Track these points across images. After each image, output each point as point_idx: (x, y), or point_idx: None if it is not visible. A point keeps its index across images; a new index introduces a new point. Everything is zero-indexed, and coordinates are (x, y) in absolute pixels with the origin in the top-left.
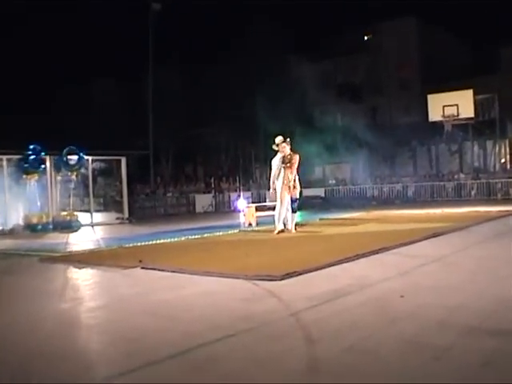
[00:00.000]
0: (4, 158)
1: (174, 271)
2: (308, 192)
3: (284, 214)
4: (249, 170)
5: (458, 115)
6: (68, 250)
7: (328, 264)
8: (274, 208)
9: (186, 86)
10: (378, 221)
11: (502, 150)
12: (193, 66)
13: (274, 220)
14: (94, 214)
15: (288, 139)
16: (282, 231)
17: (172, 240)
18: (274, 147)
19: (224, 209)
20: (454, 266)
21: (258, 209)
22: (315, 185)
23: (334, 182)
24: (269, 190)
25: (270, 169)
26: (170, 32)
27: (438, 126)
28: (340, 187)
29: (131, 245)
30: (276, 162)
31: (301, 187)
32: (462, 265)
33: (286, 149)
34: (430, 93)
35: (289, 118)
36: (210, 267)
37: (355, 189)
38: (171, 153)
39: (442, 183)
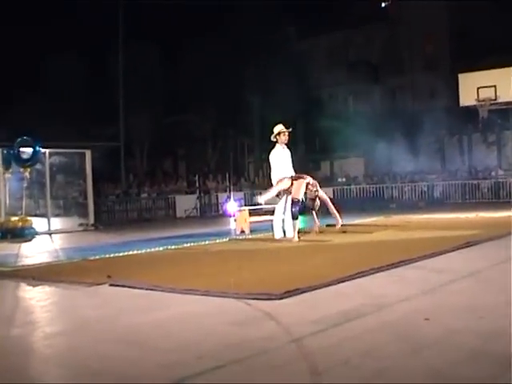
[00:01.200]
0: None
1: (149, 289)
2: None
3: (287, 219)
4: (241, 166)
5: (495, 99)
6: (20, 263)
7: (337, 280)
8: (272, 212)
9: (164, 65)
10: (397, 227)
11: None
12: (173, 41)
13: (273, 226)
14: (52, 220)
15: (290, 129)
16: (283, 239)
17: (148, 251)
18: (273, 138)
19: (211, 213)
20: (491, 284)
21: (252, 213)
22: (321, 184)
23: (343, 180)
24: (277, 195)
25: (269, 165)
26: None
27: (471, 112)
28: (352, 187)
29: (98, 257)
30: (276, 156)
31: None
32: (500, 282)
33: (284, 139)
34: (462, 72)
35: (290, 103)
36: (194, 284)
37: (370, 188)
38: (147, 145)
39: (475, 182)
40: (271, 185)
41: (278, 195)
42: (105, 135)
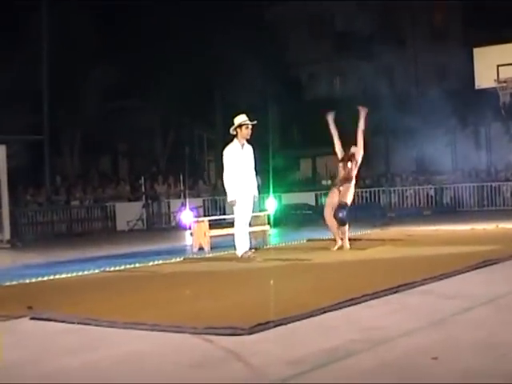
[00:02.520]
0: None
1: (82, 323)
2: (289, 199)
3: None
4: (199, 165)
5: None
6: None
7: (321, 309)
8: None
9: (101, 34)
10: (397, 242)
11: None
12: (112, 3)
13: (235, 241)
14: None
15: (255, 122)
16: (249, 257)
17: (80, 274)
18: (232, 131)
19: (161, 225)
20: None
21: (213, 225)
22: (300, 187)
23: (329, 182)
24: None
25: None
26: None
27: (489, 96)
28: None
29: (15, 282)
30: (231, 154)
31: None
32: None
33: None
34: (478, 46)
35: (261, 85)
36: (140, 316)
37: (363, 193)
38: (79, 138)
39: (495, 184)
40: (223, 190)
41: (231, 203)
42: (24, 125)
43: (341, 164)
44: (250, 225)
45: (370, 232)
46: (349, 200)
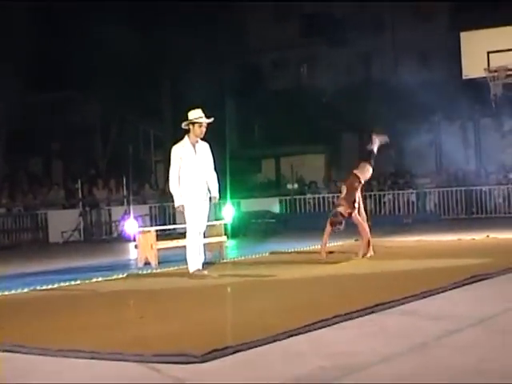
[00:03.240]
0: None
1: (7, 350)
2: (249, 205)
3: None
4: (145, 167)
5: None
6: None
7: (286, 332)
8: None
9: (32, 14)
10: (374, 255)
11: None
12: None
13: (187, 254)
14: None
15: (211, 119)
16: (203, 273)
17: (6, 294)
18: (184, 126)
19: (101, 236)
20: (508, 336)
21: (161, 235)
22: (262, 192)
23: (295, 186)
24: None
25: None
26: None
27: (478, 87)
28: (307, 196)
29: None
30: (179, 153)
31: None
32: None
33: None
34: (466, 29)
35: (217, 75)
36: (75, 342)
37: (334, 199)
38: (3, 135)
39: (486, 188)
40: (169, 195)
41: (181, 210)
42: None
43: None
44: (205, 235)
45: (342, 244)
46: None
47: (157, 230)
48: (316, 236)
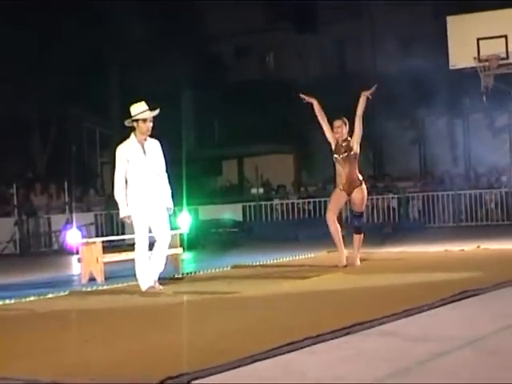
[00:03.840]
0: None
1: None
2: (209, 213)
3: (160, 257)
4: (89, 170)
5: (508, 57)
6: None
7: (251, 357)
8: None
9: None
10: (350, 269)
11: None
12: None
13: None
14: None
15: (157, 111)
16: (156, 290)
17: None
18: (128, 123)
19: (39, 248)
20: (501, 358)
21: (108, 247)
22: (223, 198)
23: (261, 191)
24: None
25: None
26: None
27: (467, 78)
28: (274, 202)
29: None
30: (124, 155)
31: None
32: None
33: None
34: (453, 13)
35: (171, 65)
36: (9, 368)
37: (305, 205)
38: None
39: (476, 192)
40: (112, 200)
41: (124, 219)
42: None
43: (336, 157)
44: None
45: (314, 256)
46: (363, 207)
47: (103, 242)
48: (284, 247)
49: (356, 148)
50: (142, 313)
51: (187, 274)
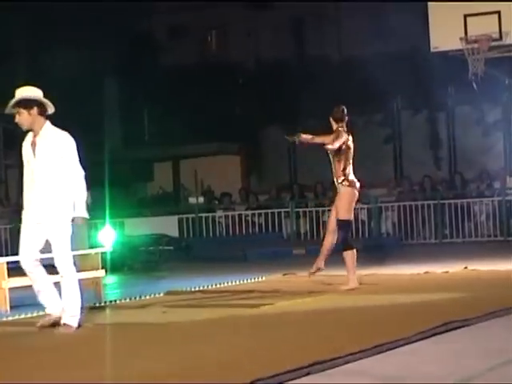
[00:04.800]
0: None
1: None
2: (137, 227)
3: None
4: None
5: (501, 37)
6: None
7: None
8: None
9: None
10: (308, 295)
11: None
12: None
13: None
14: None
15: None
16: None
17: None
18: (10, 110)
19: None
20: None
21: (14, 270)
22: (155, 209)
23: (201, 200)
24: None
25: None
26: None
27: (452, 63)
28: (218, 214)
29: None
30: (23, 152)
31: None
32: None
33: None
34: None
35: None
36: None
37: (254, 217)
38: None
39: (463, 202)
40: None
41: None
42: None
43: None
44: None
45: (265, 279)
46: (345, 214)
47: (8, 262)
48: (230, 268)
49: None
50: (54, 351)
51: (110, 301)
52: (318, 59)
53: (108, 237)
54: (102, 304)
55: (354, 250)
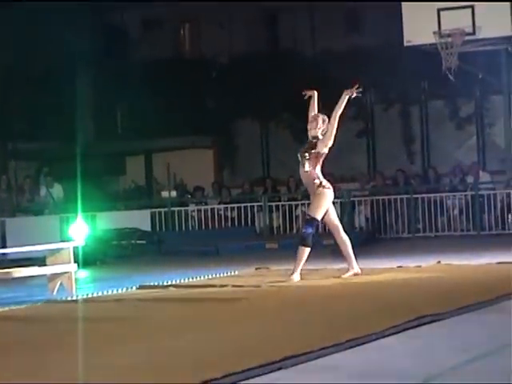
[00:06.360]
0: None
1: None
2: (109, 221)
3: None
4: None
5: (474, 32)
6: None
7: None
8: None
9: None
10: (281, 290)
11: None
12: None
13: None
14: None
15: None
16: None
17: None
18: None
19: None
20: None
21: None
22: (127, 203)
23: (173, 193)
24: None
25: None
26: None
27: (426, 57)
28: (190, 208)
29: None
30: None
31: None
32: None
33: None
34: None
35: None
36: None
37: (227, 212)
38: None
39: (436, 196)
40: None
41: None
42: None
43: (299, 156)
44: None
45: (238, 274)
46: (317, 213)
47: None
48: (202, 263)
49: (321, 147)
50: (23, 345)
51: (82, 296)
52: (291, 53)
53: (80, 231)
54: (74, 298)
55: (309, 249)
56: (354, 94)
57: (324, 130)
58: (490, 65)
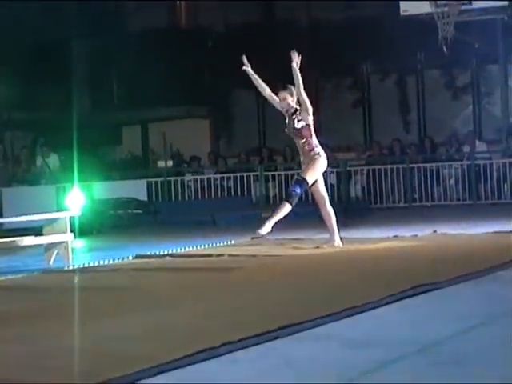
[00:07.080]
0: None
1: None
2: (106, 191)
3: None
4: None
5: (470, 1)
6: None
7: (157, 366)
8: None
9: None
10: (276, 260)
11: None
12: None
13: None
14: None
15: None
16: None
17: None
18: None
19: None
20: (461, 367)
21: None
22: (123, 172)
23: (169, 163)
24: None
25: None
26: None
27: (422, 27)
28: (187, 178)
29: None
30: None
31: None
32: (482, 362)
33: None
34: None
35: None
36: None
37: (223, 181)
38: None
39: (432, 166)
40: None
41: None
42: None
43: (287, 132)
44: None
45: (235, 243)
46: (309, 176)
47: None
48: (199, 233)
49: (306, 119)
50: (21, 313)
51: (79, 265)
52: (287, 23)
53: (76, 200)
54: (70, 268)
55: (290, 207)
56: (298, 61)
57: (295, 97)
58: (487, 34)
